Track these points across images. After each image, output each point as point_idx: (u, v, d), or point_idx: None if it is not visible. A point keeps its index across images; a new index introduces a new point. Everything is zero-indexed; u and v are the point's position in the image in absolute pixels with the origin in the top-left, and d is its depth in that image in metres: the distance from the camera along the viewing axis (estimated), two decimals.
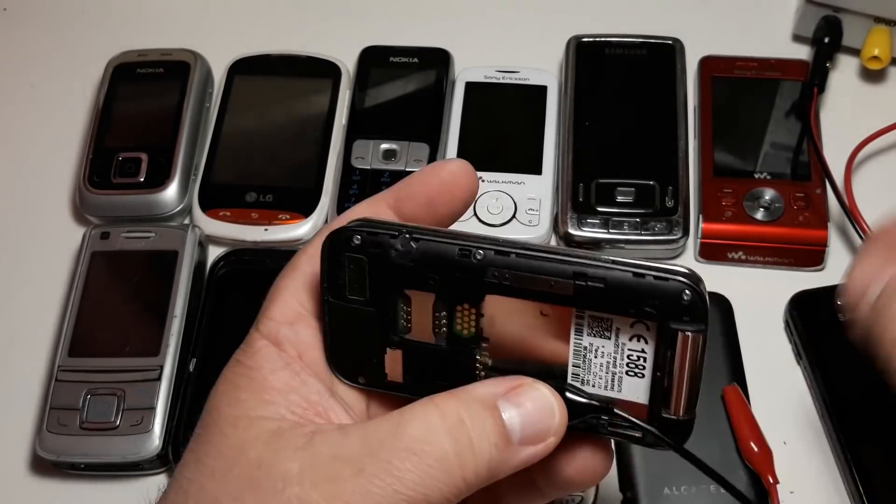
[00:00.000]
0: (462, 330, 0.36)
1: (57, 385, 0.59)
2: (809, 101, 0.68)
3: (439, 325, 0.36)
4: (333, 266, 0.36)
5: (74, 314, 0.61)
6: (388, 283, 0.36)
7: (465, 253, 0.35)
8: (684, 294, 0.34)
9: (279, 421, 0.35)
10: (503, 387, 0.35)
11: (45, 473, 0.60)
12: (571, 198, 0.65)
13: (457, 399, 0.34)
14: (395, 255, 0.36)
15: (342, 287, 0.37)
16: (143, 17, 0.79)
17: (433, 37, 0.74)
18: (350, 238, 0.36)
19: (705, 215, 0.65)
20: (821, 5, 0.71)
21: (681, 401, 0.35)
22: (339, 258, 0.36)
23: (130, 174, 0.67)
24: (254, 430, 0.35)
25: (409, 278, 0.36)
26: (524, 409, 0.34)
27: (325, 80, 0.72)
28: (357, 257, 0.36)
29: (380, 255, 0.36)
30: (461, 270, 0.35)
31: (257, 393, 0.35)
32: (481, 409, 0.34)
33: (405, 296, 0.36)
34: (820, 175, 0.65)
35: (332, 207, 0.67)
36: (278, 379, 0.36)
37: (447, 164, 0.39)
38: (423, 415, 0.34)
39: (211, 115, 0.71)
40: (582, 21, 0.75)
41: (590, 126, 0.69)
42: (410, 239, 0.36)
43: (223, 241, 0.67)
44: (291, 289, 0.38)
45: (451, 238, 0.36)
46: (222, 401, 0.36)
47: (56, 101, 0.75)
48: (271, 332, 0.37)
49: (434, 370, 0.37)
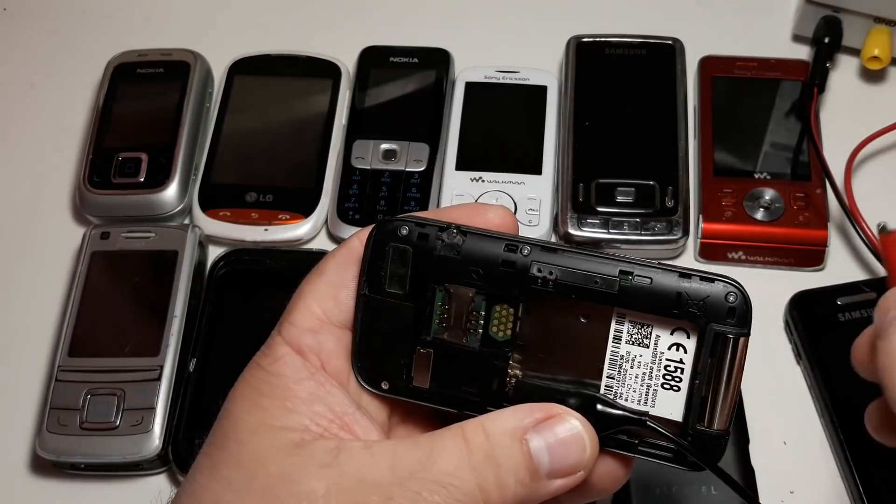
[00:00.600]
0: (497, 332, 0.36)
1: (57, 385, 0.59)
2: (809, 101, 0.68)
3: (475, 324, 0.36)
4: (376, 256, 0.37)
5: (74, 314, 0.61)
6: (430, 275, 0.36)
7: (512, 247, 0.35)
8: (730, 296, 0.34)
9: (302, 432, 0.34)
10: (532, 418, 0.34)
11: (45, 473, 0.60)
12: (571, 198, 0.65)
13: (485, 433, 0.34)
14: (442, 246, 0.36)
15: (381, 279, 0.37)
16: (143, 17, 0.79)
17: (433, 37, 0.74)
18: (398, 228, 0.36)
19: (705, 215, 0.65)
20: (821, 5, 0.71)
21: (721, 411, 0.35)
22: (383, 248, 0.36)
23: (130, 174, 0.67)
24: (275, 440, 0.34)
25: (451, 271, 0.36)
26: (554, 443, 0.34)
27: (325, 80, 0.72)
28: (402, 248, 0.36)
29: (425, 246, 0.36)
30: (507, 265, 0.35)
31: (280, 400, 0.35)
32: (510, 443, 0.33)
33: (444, 291, 0.36)
34: (820, 175, 0.65)
35: (332, 207, 0.67)
36: (303, 388, 0.35)
37: (491, 208, 0.39)
38: (453, 448, 0.33)
39: (211, 115, 0.71)
40: (582, 21, 0.75)
41: (590, 126, 0.69)
42: (458, 232, 0.36)
43: (223, 241, 0.67)
44: (316, 294, 0.37)
45: (497, 234, 0.36)
46: (241, 406, 0.35)
47: (56, 101, 0.75)
48: (294, 339, 0.36)
49: (463, 376, 0.37)
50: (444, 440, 0.33)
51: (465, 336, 0.36)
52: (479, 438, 0.33)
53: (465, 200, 0.66)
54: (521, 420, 0.34)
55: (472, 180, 0.67)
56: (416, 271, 0.36)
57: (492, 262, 0.35)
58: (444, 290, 0.36)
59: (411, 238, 0.36)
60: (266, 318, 0.61)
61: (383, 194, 0.67)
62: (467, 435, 0.33)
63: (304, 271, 0.63)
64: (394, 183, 0.67)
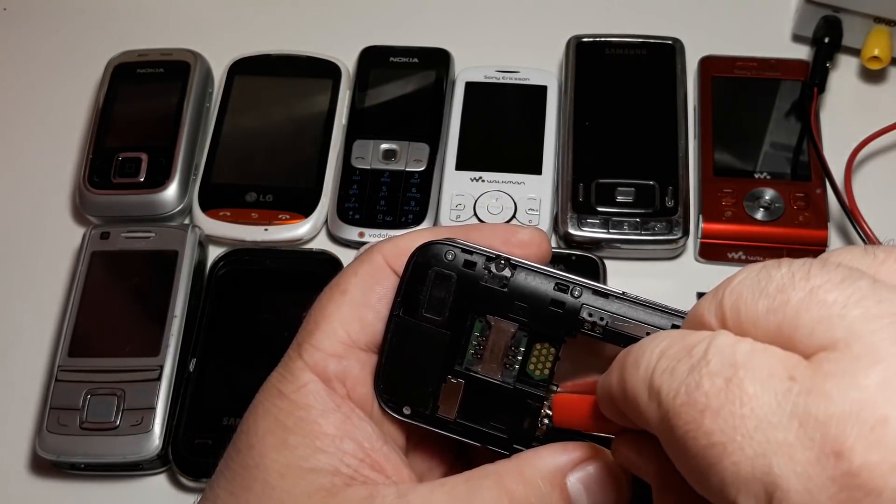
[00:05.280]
0: (535, 370, 0.35)
1: (57, 385, 0.59)
2: (809, 101, 0.68)
3: (512, 359, 0.35)
4: (416, 279, 0.35)
5: (74, 314, 0.61)
6: (472, 306, 0.35)
7: (563, 287, 0.35)
8: None
9: (332, 475, 0.33)
10: (569, 458, 0.33)
11: (45, 473, 0.60)
12: (571, 198, 0.65)
13: (523, 478, 0.33)
14: (489, 277, 0.35)
15: (419, 304, 0.35)
16: (143, 17, 0.79)
17: (433, 37, 0.74)
18: (443, 253, 0.35)
19: (705, 215, 0.65)
20: (821, 5, 0.71)
21: None
22: (425, 272, 0.35)
23: (130, 174, 0.67)
24: (305, 486, 0.33)
25: (496, 304, 0.35)
26: (592, 485, 0.33)
27: (325, 80, 0.72)
28: (446, 273, 0.35)
29: (471, 275, 0.35)
30: (556, 304, 0.34)
31: (308, 438, 0.33)
32: (549, 489, 0.33)
33: (485, 323, 0.35)
34: (820, 175, 0.65)
35: (332, 207, 0.67)
36: (330, 423, 0.34)
37: (524, 229, 0.38)
38: (492, 498, 0.32)
39: (211, 115, 0.71)
40: (582, 21, 0.75)
41: (590, 126, 0.69)
42: (507, 265, 0.35)
43: (223, 241, 0.67)
44: (339, 316, 0.36)
45: (548, 271, 0.35)
46: (268, 442, 0.33)
47: (56, 101, 0.75)
48: (318, 365, 0.35)
49: (492, 411, 0.36)
50: (482, 490, 0.32)
51: (500, 371, 0.35)
52: (520, 489, 0.33)
53: (465, 200, 0.66)
54: (558, 461, 0.33)
55: (472, 180, 0.67)
56: (458, 299, 0.35)
57: (541, 301, 0.34)
58: (485, 321, 0.35)
59: (456, 265, 0.35)
60: (266, 318, 0.62)
61: (383, 194, 0.67)
62: (508, 485, 0.33)
63: (304, 271, 0.64)
64: (394, 183, 0.67)
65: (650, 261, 0.65)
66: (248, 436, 0.34)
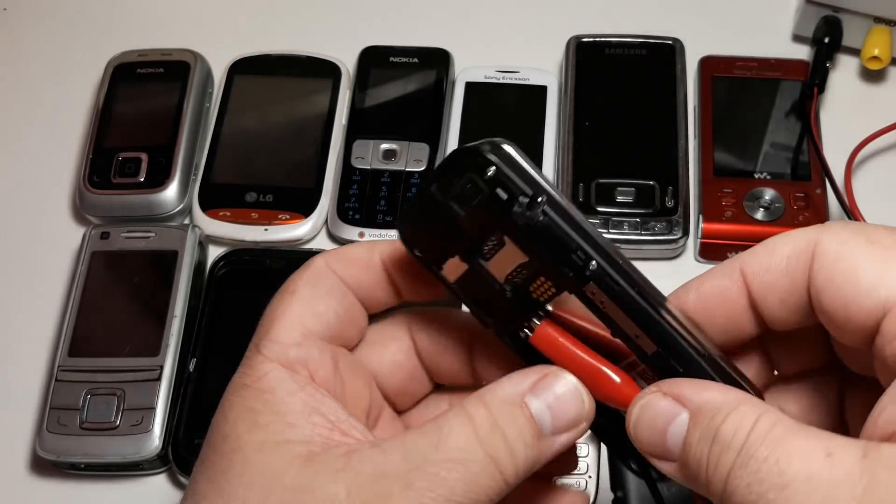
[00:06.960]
0: (533, 293, 0.36)
1: (57, 385, 0.59)
2: (809, 101, 0.68)
3: (517, 275, 0.35)
4: (451, 170, 0.34)
5: (74, 314, 0.61)
6: (494, 222, 0.34)
7: (581, 257, 0.34)
8: None
9: (307, 444, 0.34)
10: (528, 381, 0.35)
11: (45, 473, 0.60)
12: (571, 198, 0.65)
13: (486, 406, 0.34)
14: (518, 211, 0.34)
15: (447, 189, 0.35)
16: (143, 17, 0.79)
17: (433, 37, 0.74)
18: (485, 167, 0.34)
19: (705, 215, 0.65)
20: (821, 5, 0.71)
21: None
22: (462, 171, 0.34)
23: (130, 174, 0.67)
24: (283, 455, 0.33)
25: (517, 232, 0.34)
26: (552, 401, 0.34)
27: (325, 80, 0.72)
28: (480, 185, 0.34)
29: (502, 200, 0.34)
30: (568, 266, 0.34)
31: (278, 416, 0.34)
32: (511, 410, 0.34)
33: (499, 240, 0.35)
34: (820, 175, 0.65)
35: (332, 207, 0.67)
36: (296, 401, 0.35)
37: None
38: (460, 427, 0.33)
39: (211, 115, 0.71)
40: (582, 21, 0.75)
41: (590, 126, 0.69)
42: (541, 209, 0.34)
43: (223, 241, 0.67)
44: (292, 312, 0.37)
45: (578, 231, 0.34)
46: (240, 426, 0.35)
47: (56, 101, 0.75)
48: (279, 355, 0.36)
49: (486, 302, 0.36)
50: (449, 422, 0.34)
51: (503, 277, 0.35)
52: (481, 412, 0.34)
53: None
54: (518, 385, 0.35)
55: None
56: (483, 210, 0.34)
57: (554, 255, 0.34)
58: (499, 239, 0.35)
59: (493, 183, 0.34)
60: None
61: (383, 194, 0.67)
62: (470, 411, 0.34)
63: None
64: (394, 183, 0.67)
65: (650, 261, 0.65)
66: (219, 428, 0.35)
